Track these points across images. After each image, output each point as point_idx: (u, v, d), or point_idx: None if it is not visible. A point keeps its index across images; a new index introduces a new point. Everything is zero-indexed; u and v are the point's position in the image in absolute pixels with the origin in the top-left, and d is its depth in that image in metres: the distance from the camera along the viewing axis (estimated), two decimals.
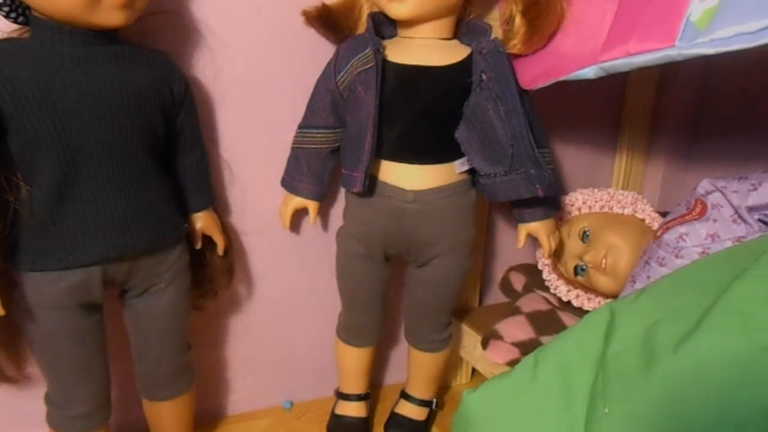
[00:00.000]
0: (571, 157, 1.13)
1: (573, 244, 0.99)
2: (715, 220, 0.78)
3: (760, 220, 0.76)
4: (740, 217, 0.77)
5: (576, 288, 0.98)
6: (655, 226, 0.94)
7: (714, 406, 0.48)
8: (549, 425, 0.59)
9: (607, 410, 0.54)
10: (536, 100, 0.84)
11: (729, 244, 0.76)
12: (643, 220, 0.98)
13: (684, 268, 0.62)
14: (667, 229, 0.82)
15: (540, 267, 1.03)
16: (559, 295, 0.99)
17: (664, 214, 0.95)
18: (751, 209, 0.76)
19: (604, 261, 0.93)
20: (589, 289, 0.98)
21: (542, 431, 0.59)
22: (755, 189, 0.76)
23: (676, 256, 0.79)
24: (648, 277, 0.81)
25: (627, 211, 0.99)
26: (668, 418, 0.50)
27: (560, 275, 1.01)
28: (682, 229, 0.80)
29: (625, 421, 0.53)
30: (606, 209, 1.01)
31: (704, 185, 0.82)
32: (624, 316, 0.59)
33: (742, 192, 0.77)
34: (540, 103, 0.85)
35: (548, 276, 1.01)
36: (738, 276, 0.53)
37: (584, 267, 0.97)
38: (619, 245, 0.93)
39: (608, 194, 1.02)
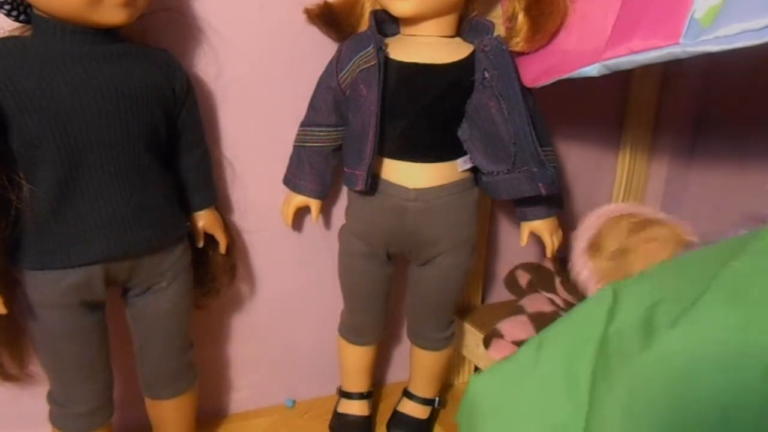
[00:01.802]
0: (574, 156, 1.13)
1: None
2: None
3: None
4: None
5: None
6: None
7: (713, 379, 0.48)
8: (554, 407, 0.59)
9: (605, 386, 0.55)
10: (539, 98, 0.84)
11: None
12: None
13: (687, 254, 0.63)
14: None
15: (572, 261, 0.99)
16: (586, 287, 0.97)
17: None
18: None
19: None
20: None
21: (547, 414, 0.60)
22: None
23: None
24: None
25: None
26: (668, 392, 0.50)
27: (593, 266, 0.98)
28: None
29: (625, 397, 0.53)
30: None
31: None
32: (626, 298, 0.59)
33: None
34: (543, 101, 0.84)
35: (579, 265, 0.98)
36: (733, 257, 0.54)
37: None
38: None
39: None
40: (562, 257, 1.08)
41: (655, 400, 0.51)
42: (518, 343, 0.91)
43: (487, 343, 0.94)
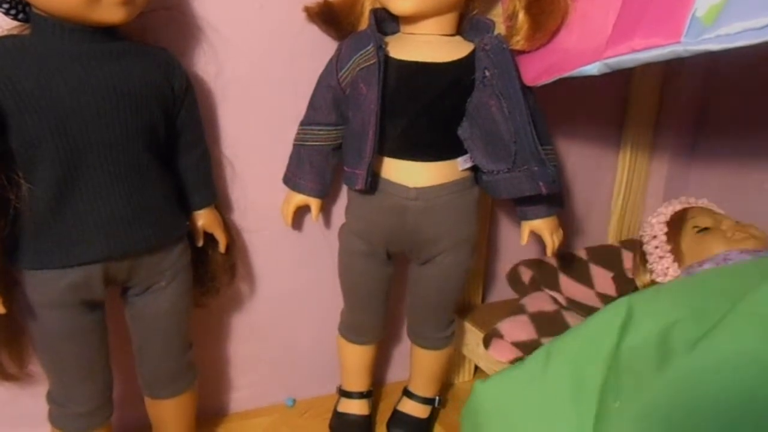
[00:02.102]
0: (574, 155, 1.13)
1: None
2: None
3: None
4: None
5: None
6: None
7: (729, 406, 0.48)
8: (558, 418, 0.59)
9: (617, 404, 0.54)
10: (539, 97, 0.84)
11: None
12: None
13: (706, 272, 0.62)
14: None
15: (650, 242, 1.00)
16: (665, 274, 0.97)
17: None
18: None
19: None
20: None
21: (551, 424, 0.59)
22: None
23: None
24: None
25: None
26: (682, 416, 0.50)
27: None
28: None
29: (636, 416, 0.52)
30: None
31: None
32: (642, 314, 0.59)
33: None
34: (543, 100, 0.84)
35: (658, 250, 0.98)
36: (758, 283, 0.53)
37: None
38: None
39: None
40: (565, 253, 1.09)
41: (668, 422, 0.50)
42: (518, 344, 0.91)
43: (486, 343, 0.94)
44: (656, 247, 0.98)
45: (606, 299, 1.03)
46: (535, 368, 0.63)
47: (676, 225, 0.98)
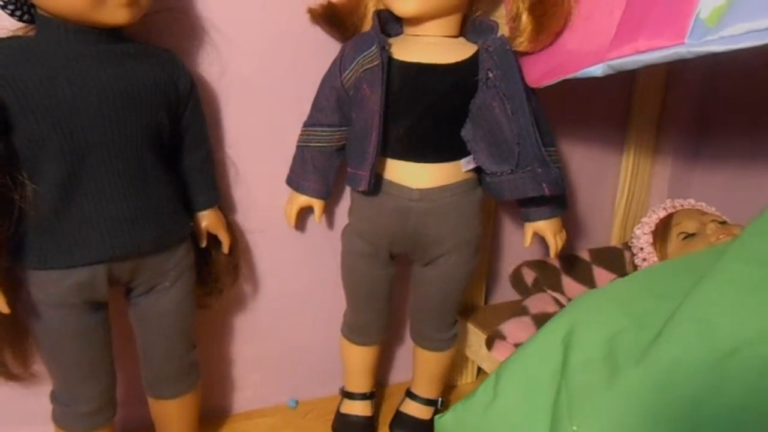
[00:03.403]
0: (578, 156, 1.13)
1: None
2: None
3: None
4: None
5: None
6: None
7: (681, 418, 0.48)
8: None
9: (575, 428, 0.53)
10: (543, 99, 0.83)
11: None
12: None
13: (644, 271, 0.61)
14: None
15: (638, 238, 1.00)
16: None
17: None
18: None
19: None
20: None
21: None
22: None
23: None
24: None
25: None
26: (639, 430, 0.50)
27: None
28: None
29: None
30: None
31: None
32: (584, 327, 0.58)
33: None
34: (547, 102, 0.84)
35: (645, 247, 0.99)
36: (697, 282, 0.53)
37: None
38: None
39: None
40: (568, 255, 1.09)
41: None
42: (520, 345, 0.90)
43: (489, 345, 0.94)
44: (644, 260, 0.98)
45: None
46: (486, 395, 0.63)
47: (661, 234, 0.99)
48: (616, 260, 1.10)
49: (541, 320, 0.94)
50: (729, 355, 0.48)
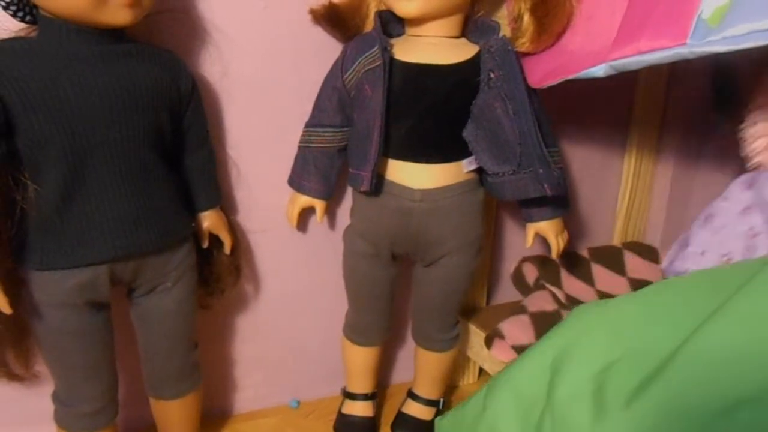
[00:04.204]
0: (579, 156, 1.13)
1: None
2: None
3: None
4: None
5: None
6: None
7: None
8: None
9: None
10: (545, 99, 0.83)
11: None
12: None
13: (656, 288, 0.56)
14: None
15: None
16: None
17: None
18: None
19: None
20: None
21: None
22: None
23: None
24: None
25: None
26: None
27: None
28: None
29: None
30: None
31: None
32: (576, 350, 0.55)
33: None
34: (548, 102, 0.84)
35: None
36: (707, 318, 0.48)
37: None
38: None
39: None
40: (569, 252, 1.08)
41: None
42: (517, 347, 0.91)
43: (488, 344, 0.94)
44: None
45: (605, 297, 1.03)
46: (477, 407, 0.63)
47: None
48: (615, 259, 1.10)
49: (539, 319, 0.94)
50: (726, 412, 0.43)
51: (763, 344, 0.45)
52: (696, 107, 1.15)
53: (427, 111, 0.79)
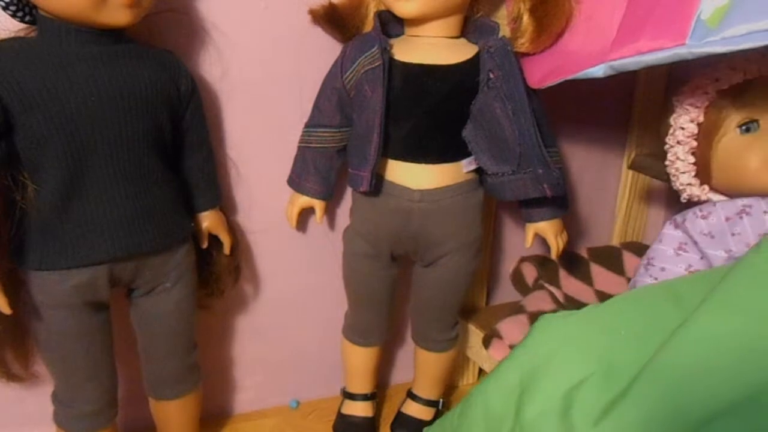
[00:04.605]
0: (579, 157, 1.13)
1: None
2: None
3: None
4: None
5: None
6: None
7: None
8: None
9: None
10: (544, 99, 0.83)
11: None
12: None
13: (631, 295, 0.55)
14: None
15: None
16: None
17: None
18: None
19: None
20: None
21: None
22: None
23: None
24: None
25: None
26: None
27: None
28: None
29: None
30: None
31: None
32: (546, 366, 0.54)
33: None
34: (548, 102, 0.84)
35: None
36: (674, 332, 0.47)
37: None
38: None
39: None
40: (567, 252, 1.08)
41: None
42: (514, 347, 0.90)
43: (486, 343, 0.94)
44: (681, 172, 0.77)
45: (603, 297, 1.03)
46: (453, 421, 0.63)
47: (713, 123, 0.73)
48: (614, 259, 1.10)
49: (536, 319, 0.94)
50: (696, 428, 0.42)
51: (728, 358, 0.44)
52: None
53: (427, 111, 0.79)
